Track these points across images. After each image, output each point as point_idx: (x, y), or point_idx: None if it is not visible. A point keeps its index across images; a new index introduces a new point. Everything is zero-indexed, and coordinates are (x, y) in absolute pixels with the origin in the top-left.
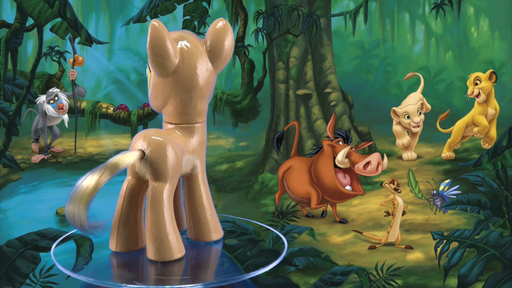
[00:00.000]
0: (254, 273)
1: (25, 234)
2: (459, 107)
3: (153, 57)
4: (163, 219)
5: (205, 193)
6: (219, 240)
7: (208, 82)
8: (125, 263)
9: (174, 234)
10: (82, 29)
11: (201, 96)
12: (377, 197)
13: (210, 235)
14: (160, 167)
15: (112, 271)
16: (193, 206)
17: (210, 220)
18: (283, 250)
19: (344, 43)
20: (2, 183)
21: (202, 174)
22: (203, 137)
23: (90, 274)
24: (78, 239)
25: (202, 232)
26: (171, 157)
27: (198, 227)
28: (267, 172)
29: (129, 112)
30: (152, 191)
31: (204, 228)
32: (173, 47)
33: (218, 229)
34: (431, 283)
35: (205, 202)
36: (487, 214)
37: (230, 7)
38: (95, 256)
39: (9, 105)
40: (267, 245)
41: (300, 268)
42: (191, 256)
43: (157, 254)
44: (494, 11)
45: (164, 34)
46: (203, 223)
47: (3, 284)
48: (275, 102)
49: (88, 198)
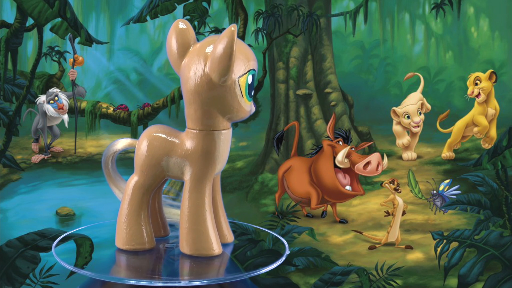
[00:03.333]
0: (258, 271)
1: (25, 234)
2: (459, 107)
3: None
4: (123, 208)
5: (189, 202)
6: (195, 256)
7: (196, 88)
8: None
9: (136, 225)
10: (82, 29)
11: (189, 102)
12: (377, 197)
13: (183, 247)
14: (135, 158)
15: (114, 266)
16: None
17: (187, 233)
18: (283, 250)
19: (344, 43)
20: (2, 183)
21: (193, 182)
22: (199, 145)
23: (95, 269)
24: (78, 239)
25: (180, 241)
26: (142, 150)
27: (180, 236)
28: (267, 172)
29: (129, 112)
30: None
31: (181, 238)
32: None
33: (195, 245)
34: (431, 283)
35: (186, 212)
36: (487, 214)
37: (230, 7)
38: (95, 256)
39: (9, 105)
40: (267, 245)
41: (300, 268)
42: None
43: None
44: (494, 11)
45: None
46: (180, 233)
47: (3, 284)
48: (275, 102)
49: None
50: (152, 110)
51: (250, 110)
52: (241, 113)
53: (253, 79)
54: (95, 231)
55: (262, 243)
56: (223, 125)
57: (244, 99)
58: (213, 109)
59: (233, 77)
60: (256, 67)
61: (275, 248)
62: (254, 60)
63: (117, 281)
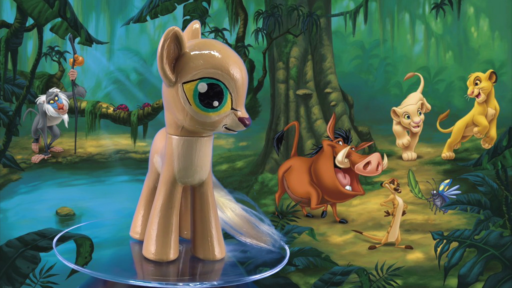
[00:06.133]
0: (261, 275)
1: (25, 234)
2: (459, 107)
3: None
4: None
5: (156, 202)
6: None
7: (164, 93)
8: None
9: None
10: (82, 29)
11: (164, 107)
12: (377, 197)
13: (144, 251)
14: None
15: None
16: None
17: (149, 233)
18: (284, 251)
19: (344, 43)
20: (2, 183)
21: (158, 185)
22: (169, 148)
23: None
24: (78, 239)
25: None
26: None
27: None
28: (267, 172)
29: (129, 112)
30: None
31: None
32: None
33: (144, 248)
34: (431, 283)
35: (152, 214)
36: (487, 214)
37: (230, 7)
38: (95, 256)
39: (9, 105)
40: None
41: (300, 268)
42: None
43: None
44: (494, 11)
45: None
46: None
47: (3, 284)
48: (275, 102)
49: None
50: (152, 110)
51: (213, 121)
52: (195, 122)
53: (210, 89)
54: (95, 231)
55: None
56: (183, 132)
57: (194, 107)
58: (168, 113)
59: (177, 82)
60: (227, 77)
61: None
62: (222, 69)
63: (119, 281)
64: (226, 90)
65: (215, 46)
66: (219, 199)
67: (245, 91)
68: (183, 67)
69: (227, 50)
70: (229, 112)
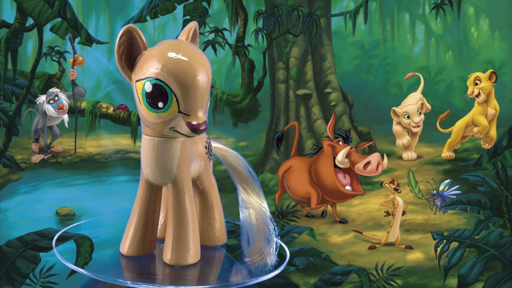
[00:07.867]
0: (262, 278)
1: (25, 234)
2: (459, 107)
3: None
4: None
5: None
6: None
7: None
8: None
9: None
10: (82, 29)
11: None
12: (377, 197)
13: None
14: None
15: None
16: None
17: (133, 233)
18: (284, 252)
19: (344, 43)
20: (2, 183)
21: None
22: (141, 146)
23: (95, 269)
24: (78, 239)
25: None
26: None
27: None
28: (267, 172)
29: (129, 112)
30: None
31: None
32: None
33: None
34: (431, 283)
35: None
36: (487, 214)
37: (230, 7)
38: (95, 256)
39: (9, 105)
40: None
41: (300, 268)
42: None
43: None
44: (494, 11)
45: None
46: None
47: (3, 284)
48: (275, 102)
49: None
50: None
51: (159, 122)
52: (145, 121)
53: (155, 89)
54: (95, 231)
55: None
56: (146, 131)
57: (142, 106)
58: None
59: (133, 80)
60: (171, 80)
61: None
62: (168, 71)
63: (119, 283)
64: (171, 92)
65: (175, 48)
66: (247, 198)
67: (200, 97)
68: (140, 66)
69: (188, 54)
70: (176, 115)
